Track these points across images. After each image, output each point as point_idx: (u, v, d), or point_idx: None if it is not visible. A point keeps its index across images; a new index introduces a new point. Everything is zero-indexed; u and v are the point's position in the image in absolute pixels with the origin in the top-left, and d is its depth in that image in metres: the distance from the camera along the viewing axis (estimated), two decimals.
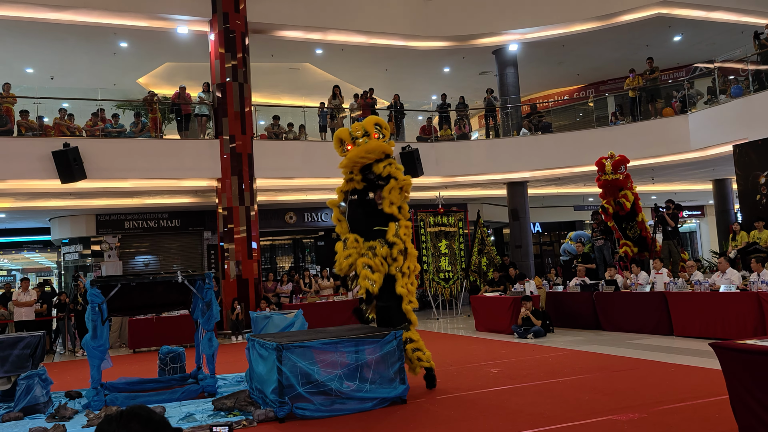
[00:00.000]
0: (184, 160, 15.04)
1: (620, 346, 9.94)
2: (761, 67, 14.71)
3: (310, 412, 6.24)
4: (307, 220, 20.15)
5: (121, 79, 18.92)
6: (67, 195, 15.33)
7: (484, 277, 15.71)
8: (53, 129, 14.54)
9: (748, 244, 12.68)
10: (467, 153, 18.05)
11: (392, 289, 7.42)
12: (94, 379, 7.30)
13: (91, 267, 18.08)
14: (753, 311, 9.28)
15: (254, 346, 7.04)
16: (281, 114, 17.43)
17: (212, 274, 8.36)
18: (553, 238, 27.08)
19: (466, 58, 19.29)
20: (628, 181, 13.25)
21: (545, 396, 6.72)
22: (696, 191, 23.01)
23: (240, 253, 15.05)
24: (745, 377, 4.48)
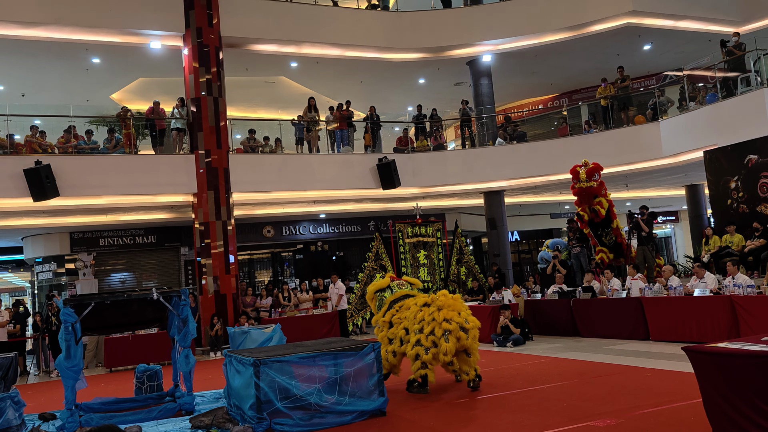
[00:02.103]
0: (159, 176, 14.91)
1: (598, 352, 10.02)
2: (729, 75, 15.03)
3: (288, 428, 6.19)
4: (285, 234, 20.07)
5: (94, 95, 18.73)
6: (39, 213, 15.10)
7: (462, 287, 15.74)
8: (25, 146, 14.33)
9: (721, 248, 12.89)
10: (444, 163, 18.15)
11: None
12: (69, 400, 7.16)
13: (66, 285, 17.80)
14: (726, 314, 9.42)
15: (231, 362, 6.97)
16: (257, 127, 17.39)
17: (188, 290, 8.30)
18: (531, 246, 27.28)
19: (440, 69, 19.45)
20: (602, 188, 13.41)
21: (525, 404, 6.74)
22: (670, 197, 23.38)
23: (218, 268, 14.92)
24: (718, 380, 4.55)
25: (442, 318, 7.47)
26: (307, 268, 20.52)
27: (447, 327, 7.42)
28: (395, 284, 8.65)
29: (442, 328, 7.42)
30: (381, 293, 8.65)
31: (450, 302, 7.66)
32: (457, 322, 7.48)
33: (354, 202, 18.46)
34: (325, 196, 17.28)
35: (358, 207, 19.01)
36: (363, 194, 17.53)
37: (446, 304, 7.60)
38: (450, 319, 7.48)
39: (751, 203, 13.30)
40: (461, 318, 7.57)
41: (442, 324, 7.44)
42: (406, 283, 8.79)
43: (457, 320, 7.50)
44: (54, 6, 14.25)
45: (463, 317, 7.59)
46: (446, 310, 7.55)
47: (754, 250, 12.21)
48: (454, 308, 7.61)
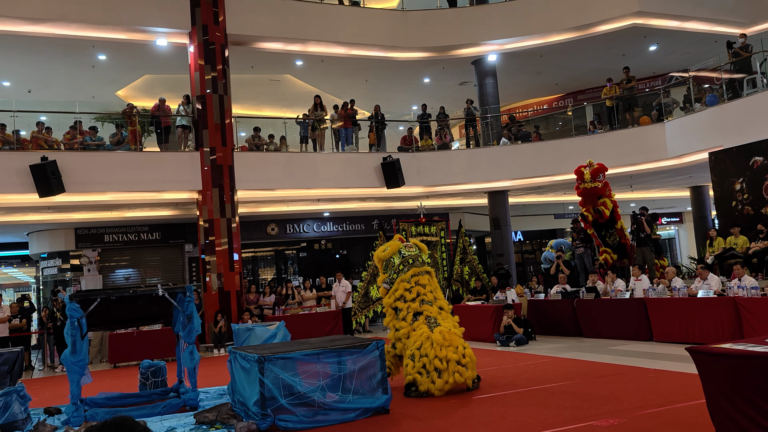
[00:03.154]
0: (164, 173, 14.96)
1: (601, 352, 10.03)
2: (735, 76, 15.01)
3: (292, 424, 6.22)
4: (289, 232, 20.10)
5: (100, 91, 18.78)
6: (45, 209, 15.16)
7: (466, 286, 15.76)
8: (31, 142, 14.39)
9: (725, 250, 12.88)
10: (448, 163, 18.16)
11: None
12: (74, 395, 7.21)
13: (71, 281, 17.87)
14: (730, 316, 9.42)
15: (236, 359, 7.00)
16: (262, 125, 17.42)
17: (193, 287, 8.32)
18: (535, 247, 27.26)
19: (445, 68, 19.45)
20: (606, 189, 13.40)
21: (527, 403, 6.76)
22: (674, 198, 23.34)
23: (222, 265, 14.97)
24: (721, 381, 4.55)
25: (434, 355, 7.42)
26: (311, 266, 20.55)
27: (439, 366, 7.38)
28: (404, 247, 8.57)
29: (434, 364, 7.39)
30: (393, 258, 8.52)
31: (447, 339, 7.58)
32: (453, 359, 7.43)
33: (358, 200, 18.48)
34: (329, 194, 17.31)
35: (362, 206, 19.04)
36: (367, 193, 17.56)
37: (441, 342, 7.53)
38: (443, 358, 7.41)
39: (755, 205, 13.28)
40: (458, 353, 7.51)
41: (434, 361, 7.40)
42: (414, 246, 8.68)
43: (453, 357, 7.45)
44: (60, 2, 14.29)
45: (460, 352, 7.54)
46: (441, 347, 7.47)
47: (759, 252, 12.20)
48: (451, 344, 7.56)
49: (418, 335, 7.73)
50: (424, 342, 7.56)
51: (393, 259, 8.44)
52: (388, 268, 8.48)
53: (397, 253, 8.45)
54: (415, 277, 8.27)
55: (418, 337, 7.68)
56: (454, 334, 7.73)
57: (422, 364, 7.44)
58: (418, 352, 7.53)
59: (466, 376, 7.52)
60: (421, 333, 7.73)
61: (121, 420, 1.68)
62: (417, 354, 7.54)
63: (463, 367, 7.49)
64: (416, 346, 7.60)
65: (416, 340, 7.67)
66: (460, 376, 7.45)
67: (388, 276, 8.44)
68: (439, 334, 7.62)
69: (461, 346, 7.62)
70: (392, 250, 8.49)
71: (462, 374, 7.47)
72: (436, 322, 7.90)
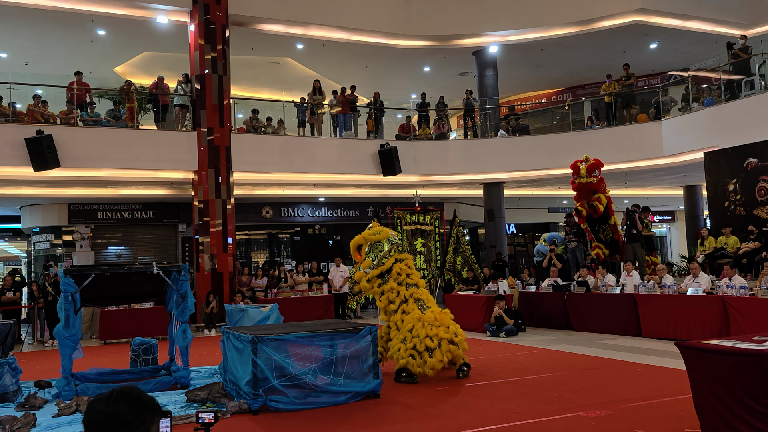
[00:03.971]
0: (160, 152, 14.91)
1: (590, 345, 10.13)
2: (733, 77, 15.07)
3: (283, 405, 6.28)
4: (283, 215, 20.10)
5: (98, 67, 18.65)
6: (39, 183, 15.09)
7: (458, 276, 15.85)
8: (27, 116, 14.30)
9: (716, 250, 13.00)
10: (445, 153, 18.19)
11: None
12: (65, 369, 7.24)
13: (62, 257, 17.83)
14: (718, 314, 9.53)
15: (229, 339, 7.04)
16: (260, 108, 17.37)
17: (188, 266, 8.34)
18: (528, 239, 27.38)
19: (446, 58, 19.42)
20: (601, 184, 13.48)
21: (516, 393, 6.84)
22: (667, 196, 23.47)
23: (215, 246, 14.97)
24: (708, 376, 4.63)
25: (425, 334, 7.52)
26: (304, 250, 20.58)
27: (430, 345, 7.48)
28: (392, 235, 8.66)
29: (425, 344, 7.49)
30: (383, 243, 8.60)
31: (438, 319, 7.70)
32: (445, 338, 7.55)
33: (354, 187, 18.49)
34: (325, 179, 17.31)
35: (357, 192, 19.05)
36: (363, 179, 17.57)
37: (432, 322, 7.65)
38: (434, 336, 7.52)
39: (748, 206, 13.39)
40: (449, 333, 7.63)
41: (425, 341, 7.49)
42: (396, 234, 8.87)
43: (445, 336, 7.56)
44: None
45: (451, 331, 7.67)
46: (433, 327, 7.58)
47: (749, 252, 12.33)
48: (442, 323, 7.68)
49: (409, 318, 7.83)
50: (416, 324, 7.67)
51: (383, 244, 8.49)
52: (371, 252, 8.50)
53: (386, 240, 8.54)
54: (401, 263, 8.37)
55: (410, 320, 7.79)
56: (445, 314, 7.85)
57: (413, 345, 7.53)
58: (410, 334, 7.63)
59: (458, 353, 7.64)
60: (412, 315, 7.83)
61: (128, 389, 1.71)
62: (408, 336, 7.63)
63: (455, 346, 7.61)
64: (408, 328, 7.70)
65: (408, 322, 7.78)
66: (451, 354, 7.56)
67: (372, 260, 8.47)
68: (431, 313, 7.76)
69: (452, 326, 7.74)
70: (383, 236, 8.57)
71: (453, 352, 7.58)
72: (425, 305, 8.04)
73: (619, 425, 5.39)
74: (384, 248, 8.46)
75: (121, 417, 1.65)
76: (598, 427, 5.37)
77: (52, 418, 6.30)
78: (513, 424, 5.58)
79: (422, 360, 7.47)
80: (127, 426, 1.65)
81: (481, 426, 5.56)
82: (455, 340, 7.64)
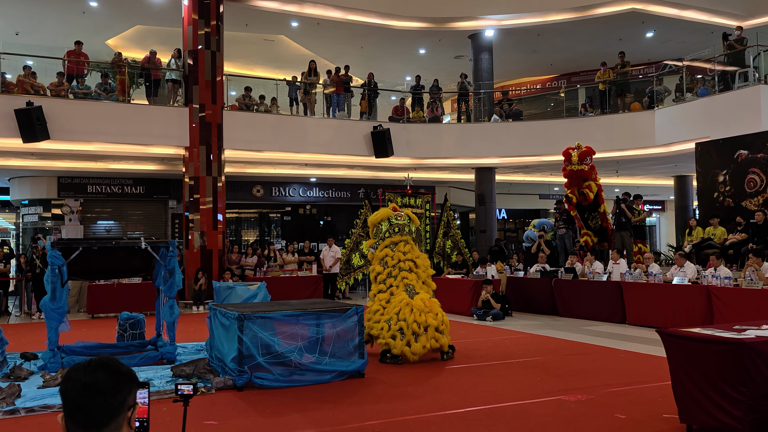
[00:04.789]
0: (151, 127, 14.80)
1: (575, 331, 10.24)
2: (727, 68, 15.08)
3: (268, 382, 6.32)
4: (274, 194, 20.05)
5: (90, 39, 18.34)
6: (28, 155, 14.97)
7: (447, 260, 15.90)
8: (17, 86, 14.14)
9: (703, 240, 13.10)
10: (438, 136, 18.16)
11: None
12: (51, 341, 7.24)
13: (51, 230, 17.74)
14: (702, 303, 9.64)
15: (216, 315, 7.06)
16: (253, 86, 17.24)
17: (176, 242, 8.32)
18: (518, 225, 27.47)
19: (442, 40, 19.31)
20: (592, 172, 13.51)
21: (499, 376, 6.91)
22: (658, 186, 23.57)
23: (205, 223, 14.94)
24: (687, 363, 4.70)
25: (412, 319, 7.57)
26: (294, 230, 20.57)
27: (416, 330, 7.53)
28: (395, 216, 8.69)
29: (411, 328, 7.54)
30: (381, 223, 8.69)
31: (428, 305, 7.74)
32: (432, 325, 7.61)
33: (346, 168, 18.45)
34: (318, 159, 17.26)
35: (349, 173, 19.01)
36: (355, 161, 17.53)
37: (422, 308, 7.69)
38: (422, 323, 7.57)
39: (737, 198, 13.47)
40: (437, 320, 7.68)
41: (412, 325, 7.54)
42: (405, 216, 8.79)
43: (433, 323, 7.62)
44: None
45: (440, 319, 7.72)
46: (421, 312, 7.64)
47: (735, 243, 12.42)
48: (431, 310, 7.72)
49: (397, 301, 7.87)
50: (404, 308, 7.71)
51: (381, 224, 8.56)
52: (376, 234, 8.62)
53: (385, 219, 8.58)
54: (397, 244, 8.40)
55: (398, 303, 7.83)
56: (433, 301, 7.89)
57: (399, 327, 7.59)
58: (396, 317, 7.68)
59: (443, 342, 7.71)
60: (400, 300, 7.87)
61: (107, 359, 1.71)
62: (395, 318, 7.68)
63: (440, 334, 7.69)
64: (395, 311, 7.74)
65: (395, 306, 7.82)
66: (436, 342, 7.64)
67: (375, 241, 8.61)
68: (420, 300, 7.79)
69: (440, 314, 7.80)
70: (381, 216, 8.62)
71: (439, 340, 7.65)
72: (414, 290, 8.08)
73: (598, 409, 5.46)
74: (382, 229, 8.54)
75: (98, 386, 1.66)
76: (577, 410, 5.45)
77: (37, 390, 6.31)
78: (494, 406, 5.65)
79: (404, 342, 7.52)
80: (104, 395, 1.66)
81: (462, 407, 5.62)
82: (441, 328, 7.70)
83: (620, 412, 5.33)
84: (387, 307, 7.94)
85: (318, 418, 5.33)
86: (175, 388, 2.83)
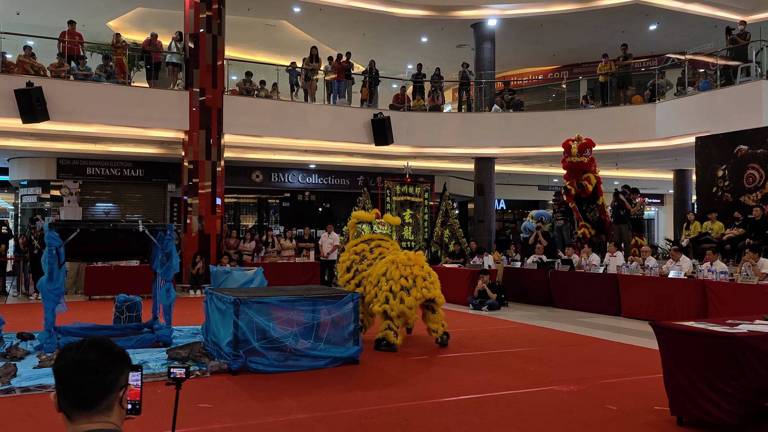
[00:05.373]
0: (151, 110, 14.76)
1: (570, 323, 10.28)
2: (730, 63, 15.04)
3: (263, 367, 6.36)
4: (273, 180, 20.05)
5: (91, 20, 18.30)
6: (28, 135, 14.93)
7: (445, 249, 15.93)
8: (17, 66, 14.08)
9: (700, 234, 13.12)
10: (438, 125, 18.13)
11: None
12: (48, 322, 7.27)
13: (50, 211, 17.74)
14: (697, 297, 9.67)
15: (212, 299, 7.09)
16: (254, 71, 17.18)
17: (174, 225, 8.33)
18: (517, 216, 27.49)
19: (444, 29, 19.22)
20: (592, 164, 13.50)
21: (493, 365, 6.95)
22: (657, 180, 23.57)
23: (204, 208, 14.95)
24: (679, 356, 4.73)
25: (399, 275, 7.60)
26: (293, 216, 20.58)
27: (405, 284, 7.57)
28: (377, 222, 8.79)
29: (400, 284, 7.57)
30: (361, 225, 8.79)
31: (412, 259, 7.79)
32: (420, 275, 7.65)
33: (345, 155, 18.43)
34: (317, 146, 17.24)
35: (348, 160, 19.00)
36: (355, 148, 17.51)
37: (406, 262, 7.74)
38: (408, 275, 7.61)
39: (735, 193, 13.48)
40: (424, 271, 7.73)
41: (400, 281, 7.57)
42: (386, 223, 8.93)
43: (420, 273, 7.65)
44: None
45: (426, 270, 7.77)
46: (406, 266, 7.68)
47: (733, 238, 12.45)
48: (416, 263, 7.76)
49: (383, 263, 7.94)
50: (389, 267, 7.75)
51: (363, 229, 8.66)
52: (357, 236, 8.80)
53: (368, 224, 8.67)
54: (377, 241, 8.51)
55: (383, 264, 7.90)
56: (418, 254, 7.93)
57: (389, 287, 7.60)
58: (384, 278, 7.71)
59: (434, 293, 7.73)
60: (384, 260, 7.97)
61: (100, 339, 1.73)
62: (383, 279, 7.71)
63: (431, 284, 7.72)
64: (381, 272, 7.80)
65: (382, 266, 7.88)
66: (428, 291, 7.65)
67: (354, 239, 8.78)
68: (404, 254, 7.84)
69: (426, 266, 7.84)
70: (364, 218, 8.74)
71: (430, 290, 7.67)
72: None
73: (590, 400, 5.50)
74: (364, 231, 8.64)
75: (90, 365, 1.67)
76: (569, 401, 5.49)
77: (33, 370, 6.35)
78: (487, 395, 5.68)
79: (399, 301, 7.53)
80: (96, 374, 1.67)
81: (455, 396, 5.66)
82: (430, 279, 7.74)
83: (612, 403, 5.37)
84: (373, 274, 7.95)
85: (312, 403, 5.37)
86: (168, 372, 2.85)
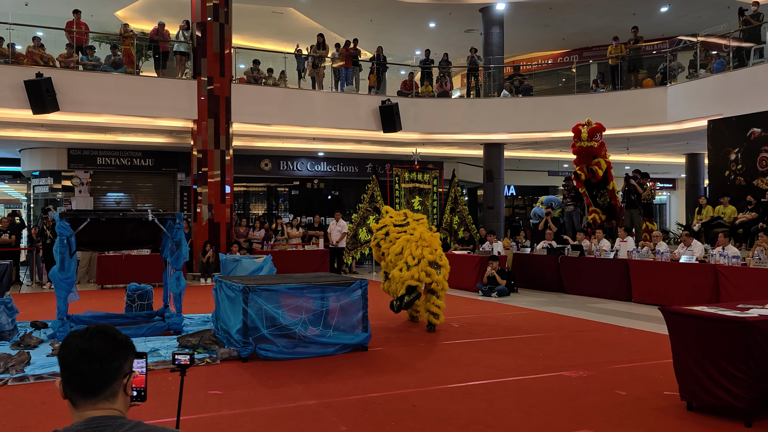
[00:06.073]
0: (160, 99, 14.78)
1: (580, 309, 10.25)
2: (742, 45, 14.82)
3: (272, 354, 6.40)
4: (282, 168, 20.06)
5: (99, 11, 18.31)
6: (38, 126, 15.02)
7: (454, 236, 15.90)
8: (26, 57, 14.13)
9: (712, 218, 13.02)
10: (447, 111, 18.03)
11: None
12: (61, 311, 7.35)
13: (62, 201, 17.87)
14: (709, 282, 9.61)
15: (222, 287, 7.13)
16: (261, 59, 17.14)
17: (183, 214, 8.37)
18: (527, 202, 27.38)
19: (452, 14, 19.07)
20: (602, 149, 13.41)
21: (502, 351, 6.95)
22: (669, 164, 23.37)
23: (213, 197, 15.00)
24: (689, 341, 4.70)
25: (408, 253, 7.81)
26: (302, 204, 20.61)
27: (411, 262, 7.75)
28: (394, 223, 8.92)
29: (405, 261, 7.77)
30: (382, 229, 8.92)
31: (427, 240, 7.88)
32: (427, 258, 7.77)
33: (353, 142, 18.40)
34: (326, 134, 17.21)
35: (357, 148, 18.97)
36: (363, 135, 17.47)
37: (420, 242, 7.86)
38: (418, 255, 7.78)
39: (748, 176, 13.35)
40: (434, 255, 7.84)
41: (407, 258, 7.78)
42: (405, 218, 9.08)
43: (428, 257, 7.75)
44: None
45: (436, 255, 7.88)
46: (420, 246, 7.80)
47: (745, 222, 12.34)
48: (430, 245, 7.83)
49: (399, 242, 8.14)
50: (405, 245, 7.97)
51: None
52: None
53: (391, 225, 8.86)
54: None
55: (400, 243, 8.10)
56: (435, 236, 8.08)
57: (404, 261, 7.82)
58: (401, 257, 7.92)
59: (435, 278, 7.86)
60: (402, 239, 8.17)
61: (104, 327, 1.74)
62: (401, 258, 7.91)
63: (434, 270, 7.86)
64: (397, 251, 7.99)
65: (398, 245, 8.08)
66: (427, 277, 7.78)
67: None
68: (419, 233, 8.01)
69: (439, 250, 7.99)
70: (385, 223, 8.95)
71: (431, 276, 7.82)
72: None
73: (599, 385, 5.50)
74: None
75: (94, 352, 1.68)
76: (579, 386, 5.48)
77: (46, 358, 6.42)
78: (496, 381, 5.69)
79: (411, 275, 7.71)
80: (100, 362, 1.68)
81: (464, 381, 5.67)
82: (440, 263, 7.89)
83: (621, 389, 5.36)
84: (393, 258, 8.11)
85: (321, 389, 5.40)
86: (173, 358, 2.87)
